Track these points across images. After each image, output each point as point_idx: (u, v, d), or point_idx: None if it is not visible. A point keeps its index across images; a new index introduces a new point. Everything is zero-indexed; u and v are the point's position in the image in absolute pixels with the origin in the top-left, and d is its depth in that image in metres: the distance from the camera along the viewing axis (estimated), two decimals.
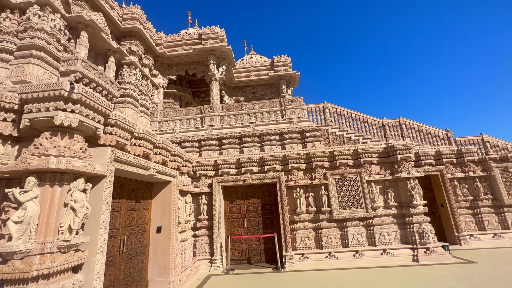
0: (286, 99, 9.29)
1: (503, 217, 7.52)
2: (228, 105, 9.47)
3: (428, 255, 6.02)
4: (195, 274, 6.03)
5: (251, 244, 7.06)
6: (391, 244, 6.38)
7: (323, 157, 7.17)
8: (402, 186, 6.74)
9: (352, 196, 6.73)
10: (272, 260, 6.84)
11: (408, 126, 9.87)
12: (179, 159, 5.98)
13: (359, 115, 10.10)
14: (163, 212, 5.29)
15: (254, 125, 8.92)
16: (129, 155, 3.95)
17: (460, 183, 7.89)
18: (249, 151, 8.25)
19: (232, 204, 7.39)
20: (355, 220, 6.66)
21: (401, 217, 6.61)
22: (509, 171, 7.76)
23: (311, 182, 6.96)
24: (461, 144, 9.64)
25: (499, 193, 7.57)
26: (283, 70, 12.72)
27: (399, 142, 6.98)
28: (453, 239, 7.51)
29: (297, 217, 6.77)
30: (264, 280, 5.41)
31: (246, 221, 7.19)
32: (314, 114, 10.51)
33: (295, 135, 8.32)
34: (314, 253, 6.44)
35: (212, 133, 8.71)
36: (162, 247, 5.06)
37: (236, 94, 13.52)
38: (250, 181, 7.11)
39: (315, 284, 4.91)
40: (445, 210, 7.79)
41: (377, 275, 5.24)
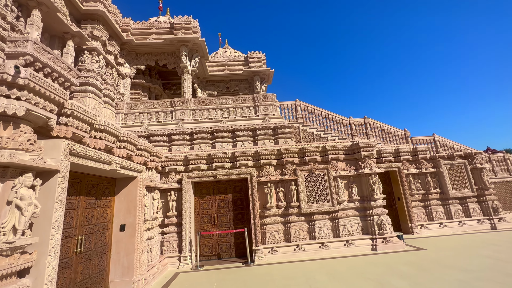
0: (259, 96, 9.33)
1: (448, 208, 8.46)
2: (200, 99, 9.23)
3: (385, 244, 6.56)
4: (163, 272, 5.85)
5: (221, 239, 7.03)
6: (353, 235, 6.82)
7: (293, 153, 7.37)
8: (364, 181, 7.21)
9: (320, 191, 7.03)
10: (242, 254, 6.90)
11: (372, 126, 10.55)
12: (146, 153, 5.70)
13: (329, 114, 10.54)
14: (127, 209, 5.02)
15: (227, 120, 8.83)
16: (88, 148, 3.66)
17: (414, 178, 8.69)
18: (221, 146, 8.16)
19: (202, 200, 7.28)
20: (322, 213, 6.98)
21: (363, 210, 7.09)
22: (454, 167, 8.74)
23: (281, 178, 7.12)
24: (416, 143, 10.59)
25: (446, 187, 8.49)
26: (257, 66, 12.73)
27: (363, 140, 7.44)
28: (407, 229, 8.27)
29: (268, 212, 6.90)
30: (233, 274, 5.44)
31: (217, 217, 7.14)
32: (286, 111, 10.71)
33: (268, 131, 8.41)
34: (282, 246, 6.64)
35: (183, 127, 8.44)
36: (125, 246, 4.81)
37: (209, 88, 13.23)
38: (222, 177, 7.06)
39: (282, 276, 5.07)
40: (401, 203, 8.53)
41: (339, 264, 5.58)
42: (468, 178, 8.65)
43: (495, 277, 4.20)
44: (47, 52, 4.32)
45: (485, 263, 4.93)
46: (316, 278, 4.79)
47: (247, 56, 12.93)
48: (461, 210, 8.50)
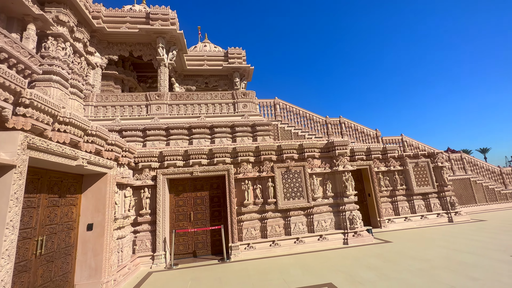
0: (239, 92, 9.27)
1: (412, 204, 9.13)
2: (178, 94, 8.96)
3: (355, 238, 6.91)
4: (134, 272, 5.63)
5: (197, 237, 6.93)
6: (327, 230, 7.10)
7: (271, 150, 7.45)
8: (338, 178, 7.52)
9: (296, 187, 7.20)
10: (218, 251, 6.87)
11: (346, 125, 11.00)
12: (118, 148, 5.41)
13: (306, 113, 10.79)
14: (95, 208, 4.74)
15: (205, 116, 8.67)
16: (50, 142, 3.38)
17: (384, 176, 9.24)
18: (199, 142, 8.01)
19: (178, 197, 7.10)
20: (298, 209, 7.16)
21: (336, 205, 7.39)
22: (419, 166, 9.42)
23: (259, 175, 7.17)
24: (386, 143, 11.24)
25: (411, 184, 9.14)
26: (237, 62, 12.63)
27: (338, 139, 7.73)
28: (375, 223, 8.79)
29: (245, 209, 6.92)
30: (208, 272, 5.40)
31: (193, 214, 7.01)
32: (265, 109, 10.79)
33: (246, 128, 8.41)
34: (259, 243, 6.71)
35: (159, 122, 8.14)
36: (93, 246, 4.55)
37: (187, 82, 12.88)
38: (199, 174, 6.94)
39: (258, 272, 5.13)
40: (371, 199, 9.03)
41: (313, 258, 5.78)
42: (430, 176, 9.39)
43: (450, 265, 4.62)
44: (3, 35, 3.91)
45: (442, 253, 5.40)
46: (290, 273, 4.91)
47: (227, 52, 12.77)
48: (423, 205, 9.21)
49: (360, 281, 4.22)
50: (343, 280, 4.32)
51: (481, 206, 11.04)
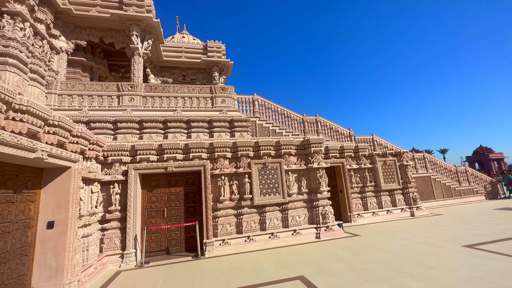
0: (217, 87, 9.12)
1: (380, 199, 9.73)
2: (153, 85, 8.57)
3: (327, 232, 7.20)
4: (101, 272, 5.34)
5: (170, 234, 6.75)
6: (300, 225, 7.31)
7: (249, 147, 7.45)
8: (313, 175, 7.75)
9: (272, 184, 7.30)
10: (193, 248, 6.76)
11: (322, 124, 11.35)
12: (84, 141, 5.05)
13: (284, 110, 10.94)
14: (57, 204, 4.40)
15: (182, 110, 8.42)
16: (3, 132, 3.05)
17: (355, 173, 9.71)
18: (175, 137, 7.77)
19: (151, 193, 6.84)
20: (273, 205, 7.28)
21: (310, 201, 7.63)
22: (386, 164, 10.04)
23: (236, 171, 7.15)
24: (358, 142, 11.81)
25: (379, 181, 9.72)
26: (216, 56, 12.39)
27: (314, 137, 7.95)
28: (346, 218, 9.23)
29: (220, 205, 6.87)
30: (181, 269, 5.30)
31: (167, 211, 6.81)
32: (244, 105, 10.74)
33: (224, 124, 8.32)
34: (234, 238, 6.72)
35: (132, 114, 7.74)
36: (54, 245, 4.23)
37: (163, 74, 12.37)
38: (173, 169, 6.73)
39: (232, 267, 5.15)
40: (343, 195, 9.46)
41: (286, 252, 5.93)
42: (397, 173, 10.06)
43: (410, 256, 5.01)
44: None
45: (404, 244, 5.84)
46: (264, 267, 4.99)
47: (207, 45, 12.46)
48: (389, 201, 9.86)
49: (329, 272, 4.41)
50: (314, 272, 4.49)
51: (438, 202, 12.10)
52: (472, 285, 3.49)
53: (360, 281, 3.93)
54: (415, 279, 3.84)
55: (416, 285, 3.63)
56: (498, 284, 3.47)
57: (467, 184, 13.30)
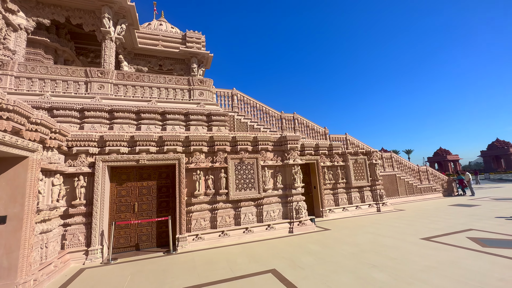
0: (195, 79, 8.87)
1: (350, 196, 10.23)
2: (126, 73, 8.09)
3: (300, 227, 7.43)
4: (63, 270, 4.99)
5: (141, 229, 6.50)
6: (275, 220, 7.45)
7: (226, 141, 7.38)
8: (288, 171, 7.91)
9: (248, 179, 7.33)
10: (165, 244, 6.58)
11: (299, 121, 11.59)
12: (44, 129, 4.63)
13: (263, 106, 10.97)
14: (11, 197, 4.00)
15: (157, 101, 8.07)
16: None
17: (328, 170, 10.09)
18: (148, 129, 7.44)
19: (121, 186, 6.50)
20: (249, 200, 7.32)
21: (284, 197, 7.79)
22: (357, 162, 10.57)
23: (212, 165, 7.05)
24: (332, 140, 12.26)
25: (350, 178, 10.21)
26: (195, 47, 12.02)
27: (290, 134, 8.09)
28: (318, 213, 9.59)
29: (195, 200, 6.75)
30: (151, 265, 5.14)
31: (138, 205, 6.53)
32: (222, 99, 10.59)
33: (202, 117, 8.14)
34: (208, 233, 6.66)
35: (101, 103, 7.26)
36: (7, 242, 3.85)
37: (138, 62, 11.73)
38: (146, 162, 6.45)
39: (205, 262, 5.10)
40: (316, 191, 9.80)
41: (260, 246, 6.02)
42: (366, 171, 10.64)
43: (375, 248, 5.35)
44: None
45: (369, 238, 6.22)
46: (237, 261, 5.02)
47: (185, 35, 12.03)
48: (358, 197, 10.41)
49: (300, 265, 4.56)
50: (285, 265, 4.61)
51: (402, 198, 13.06)
52: (427, 274, 3.82)
53: (328, 273, 4.12)
54: (378, 270, 4.12)
55: (379, 275, 3.89)
56: (448, 272, 3.85)
57: (427, 182, 14.49)
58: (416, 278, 3.68)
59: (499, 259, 4.26)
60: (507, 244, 5.03)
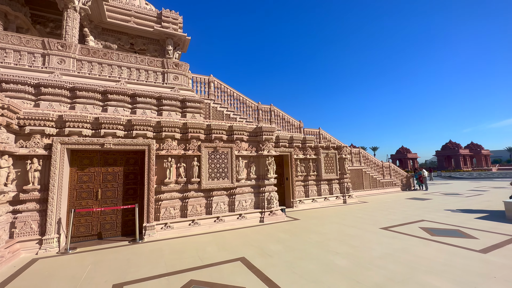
0: (170, 62, 8.41)
1: (320, 188, 10.68)
2: (92, 49, 7.39)
3: (271, 216, 7.59)
4: (11, 260, 4.54)
5: (105, 217, 6.13)
6: (246, 209, 7.51)
7: (200, 129, 7.17)
8: (262, 162, 7.97)
9: (222, 168, 7.25)
10: (131, 232, 6.31)
11: (276, 113, 11.67)
12: None
13: (240, 96, 10.82)
14: None
15: (126, 82, 7.52)
16: None
17: (301, 163, 10.38)
18: (116, 111, 6.93)
19: (82, 171, 6.03)
20: (221, 190, 7.26)
21: (257, 187, 7.87)
22: (328, 156, 11.01)
23: (184, 153, 6.83)
24: (306, 133, 12.59)
25: (320, 171, 10.63)
26: (172, 28, 11.33)
27: (266, 125, 8.11)
28: (289, 204, 9.89)
29: (165, 187, 6.52)
30: (115, 254, 4.89)
31: (101, 192, 6.13)
32: (198, 86, 10.21)
33: (175, 102, 7.78)
34: (177, 222, 6.51)
35: (61, 79, 6.56)
36: None
37: (106, 38, 10.76)
38: (112, 146, 6.03)
39: (172, 251, 4.99)
40: (288, 183, 10.05)
41: (230, 235, 6.05)
42: (336, 165, 11.14)
43: (339, 237, 5.67)
44: None
45: (335, 227, 6.58)
46: (206, 250, 4.99)
47: (161, 14, 11.25)
48: (327, 189, 10.91)
49: (269, 253, 4.68)
50: (255, 253, 4.69)
51: (366, 191, 13.98)
52: (383, 260, 4.16)
53: (295, 260, 4.28)
54: (341, 257, 4.37)
55: (341, 261, 4.14)
56: (402, 258, 4.22)
57: (389, 177, 15.67)
58: (374, 264, 3.98)
59: (444, 246, 4.78)
60: (451, 233, 5.66)
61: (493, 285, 3.18)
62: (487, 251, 4.45)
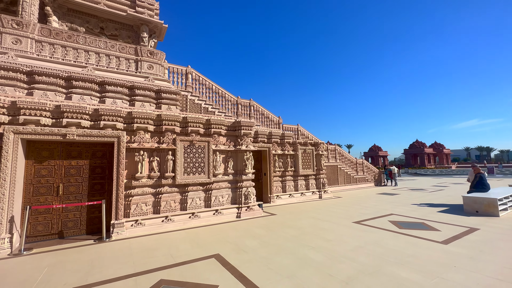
0: (144, 49, 7.93)
1: (297, 183, 10.84)
2: (54, 30, 6.69)
3: (248, 212, 7.53)
4: None
5: (67, 214, 5.64)
6: (223, 205, 7.37)
7: (175, 121, 6.86)
8: (240, 157, 7.85)
9: (198, 163, 7.01)
10: (97, 230, 5.89)
11: (255, 108, 11.57)
12: None
13: (219, 89, 10.55)
14: None
15: (94, 68, 6.94)
16: None
17: (279, 158, 10.42)
18: (82, 99, 6.37)
19: (41, 165, 5.47)
20: (197, 185, 7.04)
21: (235, 182, 7.75)
22: (306, 152, 11.18)
23: (158, 146, 6.48)
24: (285, 129, 12.67)
25: (298, 167, 10.77)
26: (147, 14, 10.65)
27: (245, 120, 7.98)
28: (267, 199, 9.91)
29: (136, 182, 6.16)
30: (77, 254, 4.51)
31: (63, 187, 5.62)
32: (175, 76, 9.76)
33: (150, 93, 7.34)
34: (150, 219, 6.20)
35: (17, 61, 5.88)
36: None
37: (72, 20, 9.83)
38: (76, 138, 5.53)
39: (143, 249, 4.73)
40: (266, 178, 10.06)
41: (205, 232, 5.88)
42: (313, 161, 11.36)
43: (314, 231, 5.76)
44: None
45: (310, 222, 6.69)
46: (179, 247, 4.79)
47: None
48: (304, 184, 11.11)
49: (244, 249, 4.60)
50: (230, 250, 4.59)
51: (341, 187, 14.50)
52: (355, 253, 4.28)
53: (271, 256, 4.25)
54: (315, 251, 4.43)
55: (315, 256, 4.19)
56: (372, 250, 4.38)
57: (362, 173, 16.38)
58: (346, 257, 4.08)
59: (411, 238, 5.05)
60: (417, 226, 6.01)
61: (454, 273, 3.39)
62: (448, 242, 4.77)
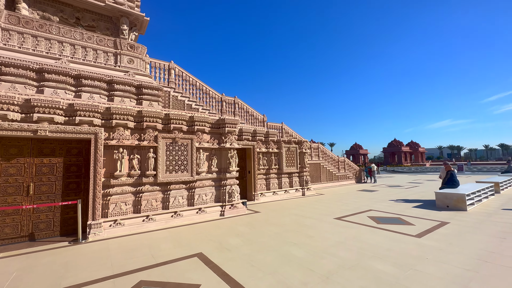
0: (124, 42, 7.61)
1: (281, 181, 10.95)
2: (23, 17, 6.24)
3: (231, 210, 7.50)
4: None
5: (39, 215, 5.31)
6: (206, 203, 7.29)
7: (157, 118, 6.66)
8: (224, 155, 7.79)
9: (181, 160, 6.87)
10: (72, 232, 5.61)
11: (240, 106, 11.51)
12: None
13: (203, 86, 10.37)
14: None
15: (69, 61, 6.56)
16: None
17: (263, 156, 10.47)
18: (55, 93, 6.00)
19: (8, 163, 5.09)
20: (180, 183, 6.90)
21: (218, 180, 7.68)
22: (290, 150, 11.32)
23: (139, 144, 6.27)
24: (269, 127, 12.74)
25: (282, 165, 10.88)
26: (127, 6, 10.19)
27: (229, 117, 7.91)
28: (251, 197, 9.93)
29: (115, 181, 5.92)
30: (50, 257, 4.27)
31: (34, 187, 5.28)
32: (157, 72, 9.46)
33: (130, 88, 7.07)
34: (129, 218, 5.99)
35: None
36: None
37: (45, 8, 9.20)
38: (48, 134, 5.20)
39: (122, 250, 4.56)
40: (250, 176, 10.07)
41: (188, 231, 5.79)
42: (297, 159, 11.53)
43: (297, 228, 5.86)
44: None
45: (293, 219, 6.80)
46: (161, 247, 4.68)
47: None
48: (288, 182, 11.25)
49: (227, 247, 4.59)
50: (213, 248, 4.55)
51: (323, 184, 14.85)
52: (336, 248, 4.40)
53: (254, 253, 4.27)
54: (297, 247, 4.51)
55: (298, 252, 4.26)
56: (352, 245, 4.53)
57: (344, 171, 16.88)
58: (328, 253, 4.19)
59: (387, 233, 5.28)
60: (394, 221, 6.30)
61: (426, 265, 3.60)
62: (421, 235, 5.05)
